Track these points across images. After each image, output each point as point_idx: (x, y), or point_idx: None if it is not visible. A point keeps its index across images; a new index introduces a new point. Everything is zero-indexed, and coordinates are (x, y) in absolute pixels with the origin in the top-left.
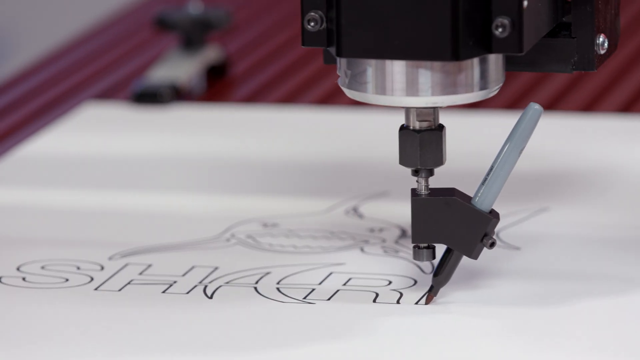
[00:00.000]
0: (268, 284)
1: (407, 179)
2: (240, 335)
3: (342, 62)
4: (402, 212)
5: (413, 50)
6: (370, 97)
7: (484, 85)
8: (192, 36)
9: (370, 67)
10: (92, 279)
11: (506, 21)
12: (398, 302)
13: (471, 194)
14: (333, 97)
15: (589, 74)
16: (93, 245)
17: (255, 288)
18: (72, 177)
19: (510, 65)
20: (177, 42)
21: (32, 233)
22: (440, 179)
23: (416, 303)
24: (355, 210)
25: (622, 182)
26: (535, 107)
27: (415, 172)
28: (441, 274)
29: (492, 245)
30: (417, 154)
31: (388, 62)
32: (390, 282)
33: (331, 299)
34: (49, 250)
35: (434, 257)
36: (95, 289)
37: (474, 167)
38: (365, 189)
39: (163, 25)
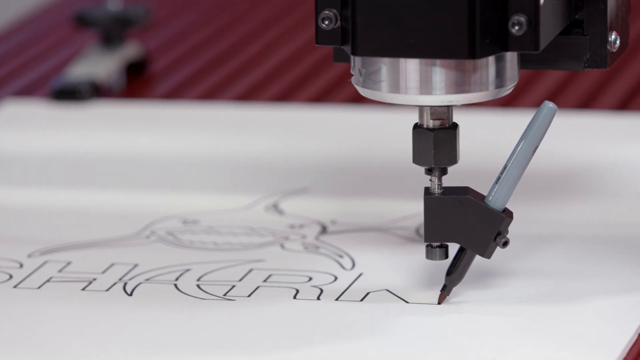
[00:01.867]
0: (188, 281)
1: (327, 175)
2: (161, 332)
3: (356, 61)
4: (322, 208)
5: (429, 48)
6: (384, 95)
7: (499, 84)
8: (112, 33)
9: (385, 66)
10: (11, 276)
11: (523, 19)
12: (318, 298)
13: (485, 193)
14: (254, 94)
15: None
16: (12, 242)
17: (176, 285)
18: None
19: (523, 63)
20: (96, 39)
21: None
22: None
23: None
24: (275, 206)
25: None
26: (549, 105)
27: (429, 171)
28: (454, 273)
29: (505, 244)
30: (430, 152)
31: (402, 61)
32: (310, 279)
33: (251, 296)
34: None
35: (446, 257)
36: (15, 287)
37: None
38: (285, 186)
39: (82, 21)
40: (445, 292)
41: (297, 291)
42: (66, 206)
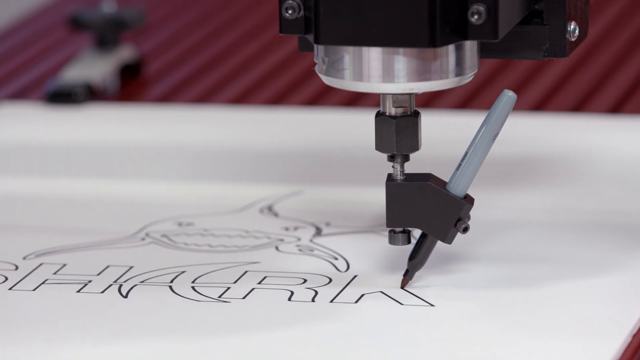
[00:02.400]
0: (183, 283)
1: (321, 178)
2: (156, 334)
3: (319, 49)
4: (317, 210)
5: (390, 37)
6: (347, 83)
7: (459, 72)
8: (106, 35)
9: (348, 54)
10: (6, 278)
11: (482, 8)
12: (313, 300)
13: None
14: (248, 96)
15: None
16: (7, 244)
17: (171, 287)
18: None
19: (483, 53)
20: (91, 42)
21: None
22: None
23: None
24: (270, 209)
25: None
26: (509, 94)
27: (391, 158)
28: (416, 258)
29: (466, 230)
30: (393, 139)
31: (365, 49)
32: (305, 281)
33: (246, 298)
34: None
35: (409, 242)
36: (10, 289)
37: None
38: (280, 188)
39: (77, 24)
40: (407, 276)
41: (292, 293)
42: (61, 208)
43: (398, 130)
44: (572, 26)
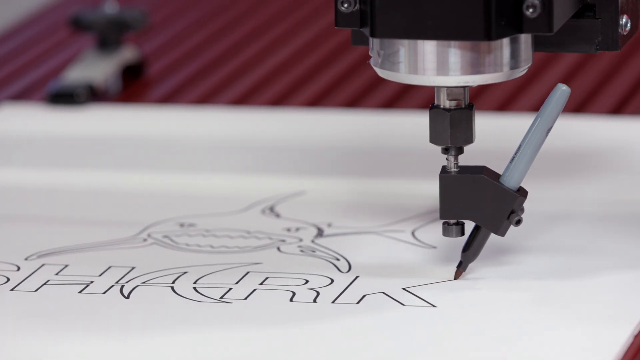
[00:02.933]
0: (185, 284)
1: (323, 178)
2: (158, 334)
3: (374, 43)
4: (318, 211)
5: (446, 30)
6: (402, 76)
7: (513, 65)
8: (108, 36)
9: (403, 47)
10: (8, 279)
11: (537, 1)
12: (315, 301)
13: (501, 172)
14: (250, 97)
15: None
16: (9, 245)
17: (172, 287)
18: None
19: (536, 46)
20: (93, 43)
21: None
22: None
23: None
24: (272, 209)
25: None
26: (562, 87)
27: (446, 150)
28: (469, 250)
29: (519, 222)
30: (447, 132)
31: (420, 42)
32: (307, 281)
33: (248, 298)
34: None
35: (462, 234)
36: (12, 290)
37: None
38: (282, 189)
39: (79, 25)
40: (461, 268)
41: (294, 294)
42: (63, 209)
43: (452, 123)
44: (624, 20)
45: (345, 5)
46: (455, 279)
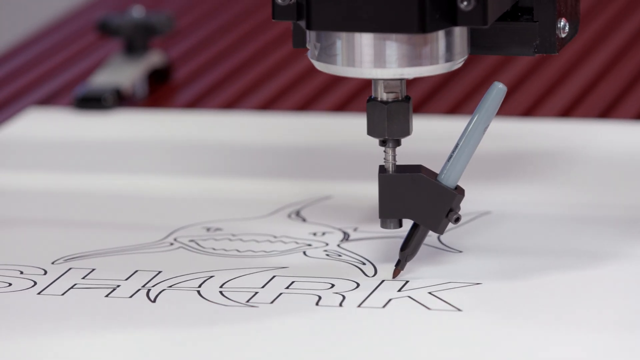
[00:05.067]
0: (211, 288)
1: (350, 184)
2: (184, 338)
3: (311, 35)
4: (344, 216)
5: (381, 23)
6: (339, 69)
7: (449, 58)
8: (135, 41)
9: (340, 40)
10: (35, 283)
11: None
12: (341, 305)
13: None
14: (276, 102)
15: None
16: (36, 249)
17: (199, 292)
18: (15, 182)
19: (474, 48)
20: (120, 47)
21: None
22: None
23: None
24: (298, 214)
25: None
26: (499, 86)
27: (383, 143)
28: (408, 248)
29: (457, 220)
30: (384, 124)
31: (357, 35)
32: (332, 285)
33: (274, 302)
34: None
35: (400, 225)
36: (38, 294)
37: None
38: (308, 193)
39: (106, 30)
40: (399, 267)
41: (320, 298)
42: (90, 213)
43: (389, 116)
44: (562, 23)
45: None
46: (393, 277)
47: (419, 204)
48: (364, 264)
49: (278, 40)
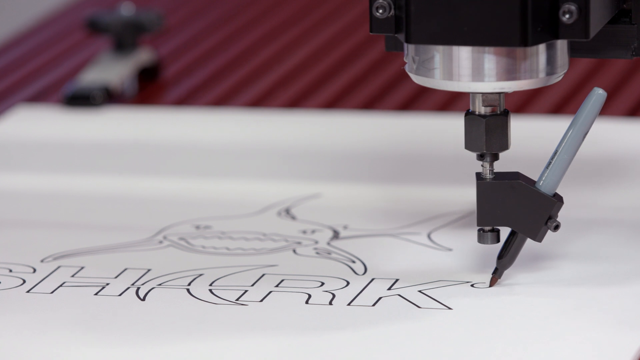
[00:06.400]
0: (201, 286)
1: (338, 181)
2: (173, 336)
3: (410, 49)
4: (334, 214)
5: (482, 36)
6: (437, 82)
7: (550, 71)
8: (124, 39)
9: (438, 53)
10: (24, 281)
11: (573, 7)
12: (330, 303)
13: (534, 179)
14: (265, 99)
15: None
16: (25, 247)
17: (188, 290)
18: (4, 180)
19: (572, 52)
20: (109, 45)
21: None
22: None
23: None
24: (287, 212)
25: None
26: (599, 91)
27: (481, 157)
28: (505, 257)
29: (557, 228)
30: (482, 138)
31: (455, 48)
32: (322, 284)
33: (264, 301)
34: None
35: (498, 240)
36: (28, 292)
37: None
38: (297, 191)
39: (95, 27)
40: (496, 275)
41: (309, 296)
42: (79, 211)
43: (488, 130)
44: None
45: (380, 11)
46: (490, 286)
47: (518, 212)
48: (353, 262)
49: (267, 37)
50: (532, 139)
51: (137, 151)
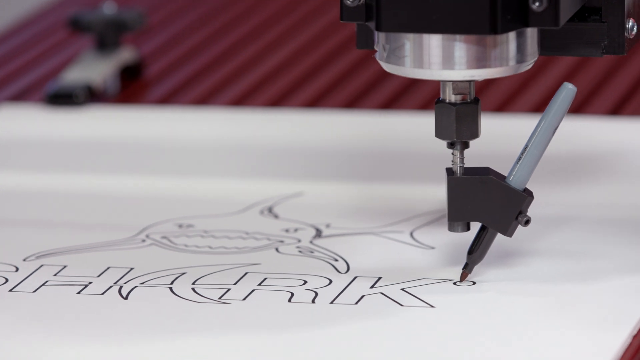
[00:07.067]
0: (183, 284)
1: (321, 179)
2: (156, 335)
3: (380, 37)
4: (317, 212)
5: (452, 24)
6: (408, 70)
7: (520, 59)
8: (107, 37)
9: (408, 41)
10: (6, 280)
11: None
12: (313, 301)
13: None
14: (248, 98)
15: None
16: (8, 246)
17: (171, 288)
18: None
19: (542, 49)
20: (91, 43)
21: None
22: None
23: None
24: (270, 210)
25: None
26: (568, 86)
27: (451, 145)
28: (476, 252)
29: (527, 223)
30: (453, 127)
31: (425, 36)
32: (305, 282)
33: (246, 299)
34: None
35: (468, 229)
36: (10, 290)
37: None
38: (280, 190)
39: (77, 26)
40: (467, 270)
41: (292, 294)
42: (61, 210)
43: (458, 118)
44: (630, 23)
45: None
46: (460, 281)
47: (488, 207)
48: (336, 260)
49: (250, 36)
50: (509, 137)
51: (120, 150)
